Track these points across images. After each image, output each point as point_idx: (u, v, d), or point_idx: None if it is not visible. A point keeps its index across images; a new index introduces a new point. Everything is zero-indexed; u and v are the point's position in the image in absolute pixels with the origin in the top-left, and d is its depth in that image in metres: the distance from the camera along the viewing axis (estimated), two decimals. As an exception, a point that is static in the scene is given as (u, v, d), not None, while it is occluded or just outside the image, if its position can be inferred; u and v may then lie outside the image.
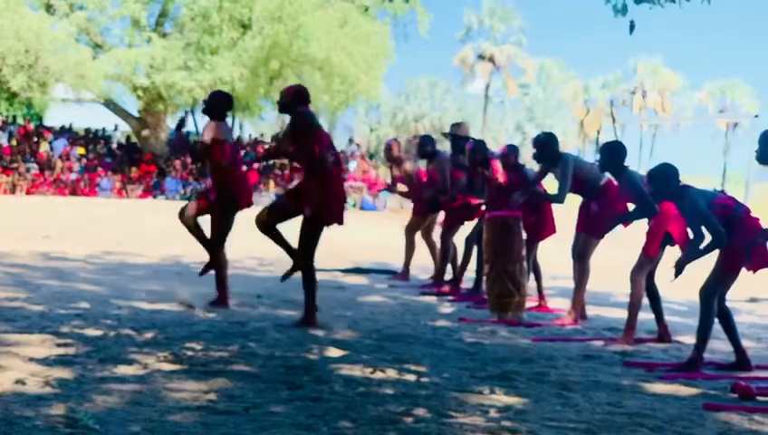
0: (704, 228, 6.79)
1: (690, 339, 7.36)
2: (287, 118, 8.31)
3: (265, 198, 26.88)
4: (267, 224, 8.33)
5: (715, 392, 6.15)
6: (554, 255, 11.27)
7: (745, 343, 7.32)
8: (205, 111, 9.00)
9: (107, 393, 5.16)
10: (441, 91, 74.97)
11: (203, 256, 9.33)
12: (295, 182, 8.75)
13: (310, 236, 8.16)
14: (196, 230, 9.08)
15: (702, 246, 6.85)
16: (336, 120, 52.86)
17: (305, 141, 8.05)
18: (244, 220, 8.78)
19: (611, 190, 8.88)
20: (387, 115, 74.78)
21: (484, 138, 17.97)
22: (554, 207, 9.75)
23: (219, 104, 8.97)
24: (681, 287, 7.61)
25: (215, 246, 9.01)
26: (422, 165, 12.39)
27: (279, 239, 8.44)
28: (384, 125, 74.33)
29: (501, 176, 10.07)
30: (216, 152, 8.83)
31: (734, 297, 7.43)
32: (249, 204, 9.06)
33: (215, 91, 9.62)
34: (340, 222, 8.30)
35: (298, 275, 8.30)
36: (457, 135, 11.01)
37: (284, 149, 8.70)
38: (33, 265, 11.63)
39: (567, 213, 9.64)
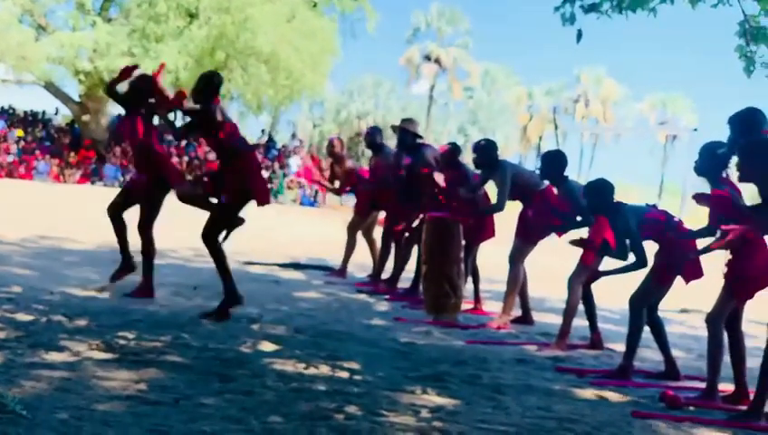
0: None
1: (621, 347, 7.44)
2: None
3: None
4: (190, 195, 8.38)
5: (644, 400, 6.22)
6: (493, 258, 11.32)
7: (675, 353, 7.42)
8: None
9: (36, 379, 5.10)
10: (386, 90, 74.93)
11: (139, 244, 9.23)
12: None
13: (220, 220, 8.15)
14: (118, 225, 9.07)
15: (624, 265, 6.98)
16: (279, 115, 52.79)
17: (217, 134, 8.07)
18: (179, 212, 8.73)
19: (549, 197, 8.96)
20: (331, 112, 74.60)
21: (427, 139, 18.01)
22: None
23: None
24: (615, 296, 7.69)
25: (142, 231, 8.94)
26: (364, 162, 12.39)
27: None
28: (327, 121, 74.15)
29: (440, 181, 10.12)
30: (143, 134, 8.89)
31: (665, 308, 7.51)
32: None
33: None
34: (266, 201, 8.30)
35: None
36: (406, 130, 11.00)
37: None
38: (-35, 247, 11.46)
39: (508, 218, 9.70)
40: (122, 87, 9.04)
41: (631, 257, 6.94)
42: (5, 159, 34.23)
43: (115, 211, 9.05)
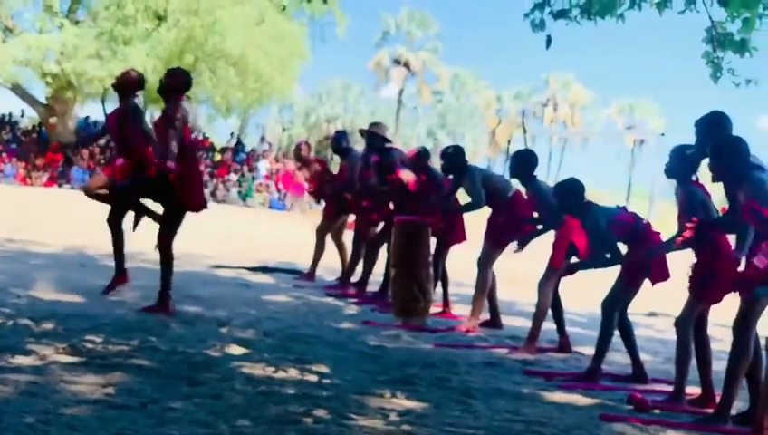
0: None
1: (589, 350, 7.48)
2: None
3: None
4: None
5: (612, 403, 6.26)
6: (461, 262, 11.34)
7: (643, 356, 7.47)
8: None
9: (2, 383, 5.06)
10: (355, 93, 74.94)
11: (106, 247, 9.20)
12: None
13: (175, 222, 8.35)
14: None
15: (598, 259, 7.02)
16: (248, 118, 52.69)
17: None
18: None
19: (519, 201, 9.00)
20: (300, 115, 74.52)
21: (396, 142, 18.04)
22: (466, 214, 9.83)
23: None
24: (582, 299, 7.73)
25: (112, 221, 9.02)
26: (333, 166, 12.40)
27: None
28: (297, 125, 74.07)
29: (409, 180, 10.12)
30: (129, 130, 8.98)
31: (633, 311, 7.56)
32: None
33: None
34: (203, 207, 8.46)
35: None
36: (374, 133, 11.01)
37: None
38: (-70, 250, 11.36)
39: (478, 221, 9.73)
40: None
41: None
42: (-29, 162, 33.96)
43: (115, 222, 9.10)
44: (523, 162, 8.56)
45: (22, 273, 10.06)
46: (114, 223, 9.03)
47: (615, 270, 6.99)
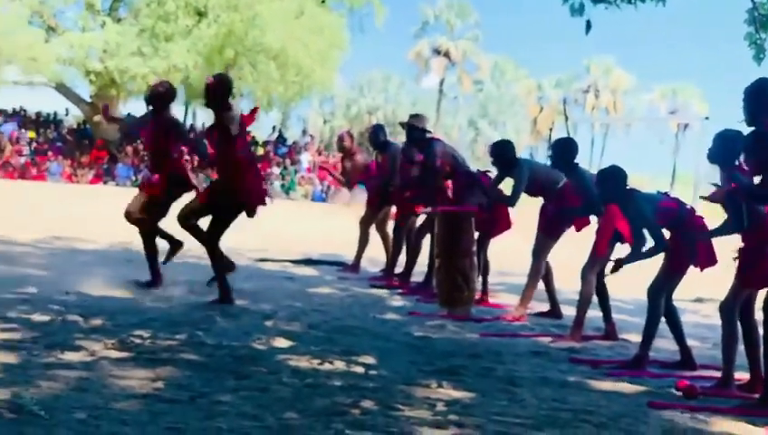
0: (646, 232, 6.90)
1: (636, 337, 7.44)
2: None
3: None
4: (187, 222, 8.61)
5: (660, 391, 6.22)
6: (508, 251, 11.32)
7: (690, 342, 7.41)
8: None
9: (53, 379, 5.12)
10: (395, 84, 74.97)
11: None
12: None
13: (223, 222, 8.40)
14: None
15: (643, 250, 6.94)
16: (290, 111, 52.83)
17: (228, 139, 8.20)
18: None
19: (568, 192, 8.95)
20: (341, 107, 74.70)
21: (437, 132, 17.94)
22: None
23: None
24: (628, 286, 7.69)
25: (150, 228, 9.16)
26: (375, 157, 12.41)
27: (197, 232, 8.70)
28: (338, 117, 74.24)
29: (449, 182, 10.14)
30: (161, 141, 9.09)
31: (680, 297, 7.50)
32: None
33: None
34: (262, 202, 8.50)
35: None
36: (414, 126, 11.00)
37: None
38: (-21, 249, 11.50)
39: (525, 211, 9.71)
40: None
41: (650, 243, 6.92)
42: (18, 161, 34.29)
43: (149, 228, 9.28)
44: (564, 151, 8.50)
45: (69, 270, 10.16)
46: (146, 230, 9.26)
47: (661, 256, 6.94)
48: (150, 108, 9.20)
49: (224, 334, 6.97)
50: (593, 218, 8.58)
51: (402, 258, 11.55)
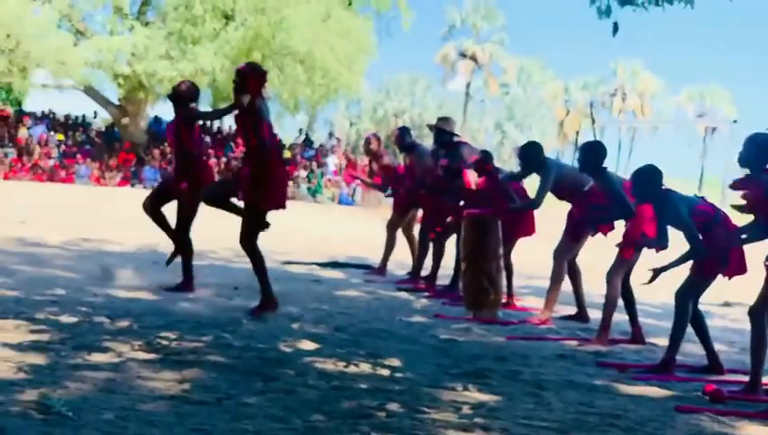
0: (679, 234, 6.85)
1: (663, 341, 7.40)
2: None
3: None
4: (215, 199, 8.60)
5: (687, 395, 6.19)
6: (534, 254, 11.30)
7: (718, 346, 7.36)
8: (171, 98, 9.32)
9: (80, 380, 5.15)
10: (422, 87, 74.99)
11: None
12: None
13: (251, 221, 8.21)
14: (159, 219, 9.30)
15: (680, 256, 6.88)
16: (316, 114, 52.91)
17: (249, 129, 8.13)
18: (218, 213, 8.81)
19: (594, 195, 8.90)
20: (367, 110, 74.77)
21: (464, 135, 17.94)
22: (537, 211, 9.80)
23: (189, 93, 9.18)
24: (655, 289, 7.65)
25: (180, 232, 9.16)
26: (401, 159, 12.41)
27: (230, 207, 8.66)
28: (364, 120, 74.32)
29: (473, 183, 10.13)
30: (185, 139, 9.09)
31: (707, 301, 7.46)
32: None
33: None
34: (281, 206, 8.32)
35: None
36: (442, 129, 10.99)
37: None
38: (8, 251, 11.58)
39: (551, 216, 9.69)
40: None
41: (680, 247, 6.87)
42: (47, 163, 34.51)
43: (152, 210, 9.29)
44: (591, 154, 8.44)
45: (97, 272, 10.21)
46: (150, 211, 9.30)
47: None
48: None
49: (250, 337, 6.99)
50: (619, 223, 8.55)
51: (428, 261, 11.55)
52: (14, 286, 8.61)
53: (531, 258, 11.32)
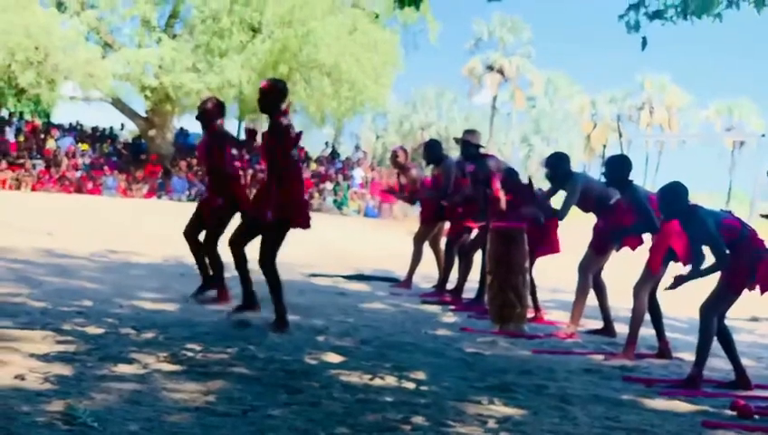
0: (706, 249, 6.81)
1: (690, 356, 7.36)
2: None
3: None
4: (239, 245, 8.51)
5: (714, 410, 6.15)
6: (559, 268, 11.26)
7: (745, 361, 7.32)
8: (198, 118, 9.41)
9: (106, 392, 5.16)
10: (448, 100, 74.94)
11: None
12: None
13: (272, 240, 8.08)
14: (196, 250, 9.36)
15: (704, 268, 6.85)
16: (342, 127, 52.93)
17: (271, 144, 8.08)
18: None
19: (621, 209, 8.86)
20: (393, 123, 74.77)
21: (490, 149, 17.89)
22: (563, 225, 9.77)
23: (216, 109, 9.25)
24: (682, 304, 7.62)
25: (207, 246, 9.21)
26: (428, 172, 12.40)
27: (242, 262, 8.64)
28: (390, 133, 74.32)
29: (501, 195, 10.11)
30: (216, 157, 9.14)
31: (734, 316, 7.41)
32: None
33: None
34: (306, 225, 8.18)
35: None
36: (469, 142, 10.99)
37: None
38: (35, 262, 11.64)
39: (578, 230, 9.65)
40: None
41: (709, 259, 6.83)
42: (74, 175, 34.70)
43: (191, 233, 9.35)
44: (617, 168, 8.41)
45: (124, 283, 10.26)
46: (188, 235, 9.36)
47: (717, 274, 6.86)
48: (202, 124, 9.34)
49: (275, 349, 6.99)
50: (646, 237, 8.52)
51: (454, 274, 11.53)
52: (41, 297, 8.65)
53: (556, 272, 11.28)
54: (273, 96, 8.11)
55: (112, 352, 6.31)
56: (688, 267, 7.08)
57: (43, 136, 37.15)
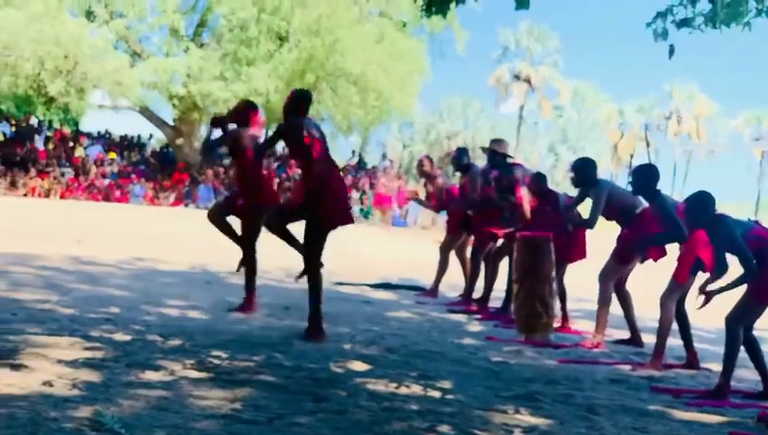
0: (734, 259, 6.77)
1: (718, 366, 7.31)
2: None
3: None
4: (277, 226, 8.45)
5: (742, 421, 6.11)
6: (584, 277, 11.22)
7: (774, 372, 7.26)
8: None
9: (133, 398, 5.18)
10: (475, 109, 74.96)
11: (231, 264, 9.40)
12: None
13: (315, 240, 8.11)
14: (225, 228, 9.32)
15: (733, 280, 6.80)
16: (369, 136, 53.00)
17: (298, 148, 8.09)
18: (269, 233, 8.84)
19: (646, 218, 8.83)
20: (420, 132, 74.83)
21: (517, 158, 17.89)
22: (589, 232, 9.76)
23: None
24: (711, 314, 7.56)
25: (247, 248, 9.21)
26: (455, 181, 12.40)
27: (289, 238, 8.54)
28: (417, 142, 74.38)
29: (526, 203, 10.10)
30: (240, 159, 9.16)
31: (763, 326, 7.36)
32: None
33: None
34: (347, 221, 8.23)
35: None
36: (496, 151, 10.99)
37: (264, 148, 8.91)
38: (64, 269, 11.72)
39: (601, 238, 9.62)
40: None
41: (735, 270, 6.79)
42: (103, 183, 34.89)
43: (217, 218, 9.34)
44: (645, 177, 8.39)
45: (151, 290, 10.30)
46: (214, 219, 9.34)
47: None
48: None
49: (302, 357, 7.00)
50: (670, 248, 8.49)
51: (480, 283, 11.51)
52: (70, 304, 8.71)
53: (581, 281, 11.25)
54: (291, 103, 8.26)
55: (139, 359, 6.34)
56: (718, 280, 7.04)
57: (71, 144, 37.43)
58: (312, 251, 8.10)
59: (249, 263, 9.26)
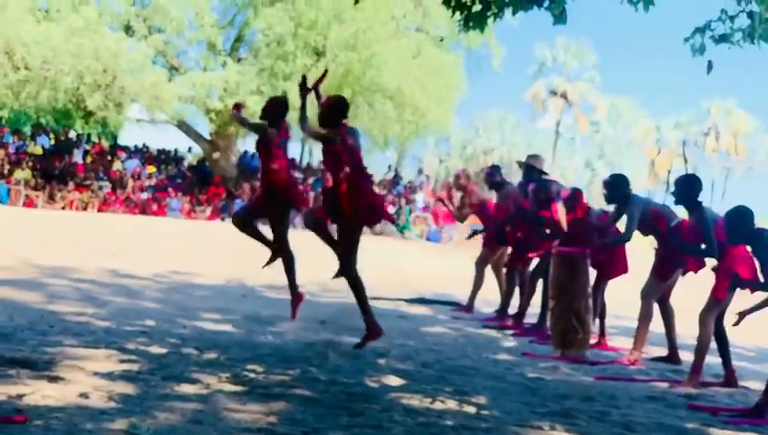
0: None
1: (757, 385, 7.24)
2: None
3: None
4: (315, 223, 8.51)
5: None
6: (623, 294, 11.15)
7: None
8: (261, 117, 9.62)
9: (169, 411, 5.19)
10: (511, 124, 74.76)
11: (267, 278, 9.42)
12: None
13: (350, 242, 8.16)
14: (254, 232, 9.39)
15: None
16: (405, 151, 53.02)
17: (334, 152, 8.13)
18: (304, 248, 8.86)
19: (682, 232, 8.77)
20: (456, 147, 74.71)
21: (553, 174, 17.84)
22: (628, 246, 9.70)
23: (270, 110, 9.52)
24: (750, 332, 7.51)
25: (279, 244, 9.27)
26: (492, 195, 12.37)
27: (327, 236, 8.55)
28: (453, 157, 74.25)
29: (562, 217, 10.05)
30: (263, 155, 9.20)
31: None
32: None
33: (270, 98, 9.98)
34: (382, 218, 8.36)
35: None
36: (532, 166, 10.96)
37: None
38: (101, 282, 11.78)
39: (640, 252, 9.55)
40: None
41: None
42: (140, 197, 35.10)
43: (243, 223, 9.39)
44: (687, 187, 8.33)
45: (187, 304, 10.34)
46: (239, 225, 9.35)
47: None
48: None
49: (337, 371, 6.99)
50: (707, 260, 8.42)
51: (516, 299, 11.47)
52: (106, 317, 8.75)
53: (619, 297, 11.17)
54: (327, 111, 8.35)
55: (175, 372, 6.35)
56: (756, 294, 6.97)
57: (109, 158, 37.68)
58: (346, 249, 8.12)
59: (286, 261, 9.34)
